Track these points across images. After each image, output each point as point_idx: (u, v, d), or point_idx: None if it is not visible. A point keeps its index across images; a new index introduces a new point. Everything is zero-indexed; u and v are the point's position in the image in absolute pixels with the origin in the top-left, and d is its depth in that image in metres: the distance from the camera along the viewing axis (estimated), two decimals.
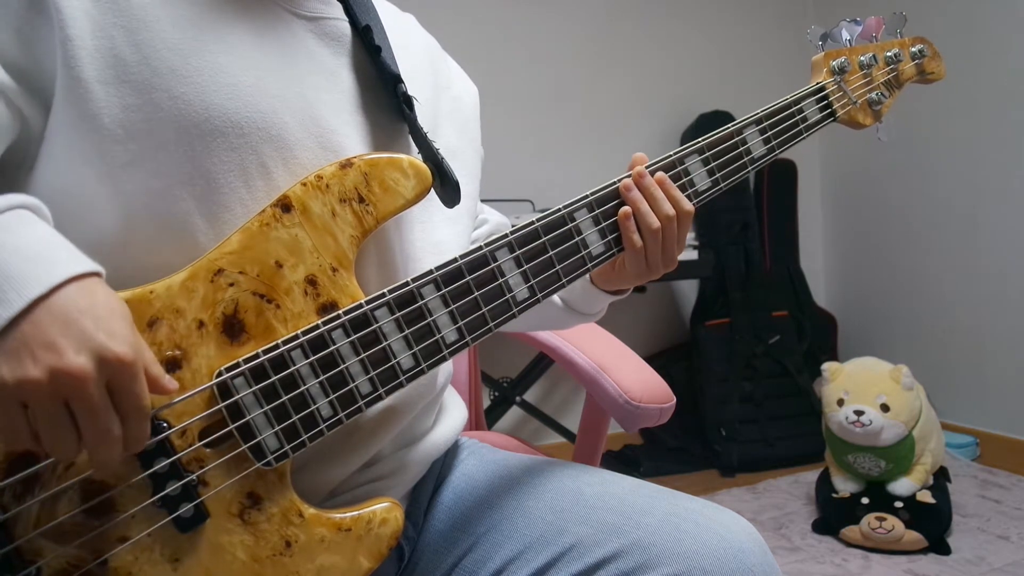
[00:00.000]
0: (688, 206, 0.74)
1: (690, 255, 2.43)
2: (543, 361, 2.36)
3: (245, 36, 0.64)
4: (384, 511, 0.63)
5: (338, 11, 0.71)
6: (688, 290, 2.88)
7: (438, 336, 0.64)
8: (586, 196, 0.72)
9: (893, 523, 1.84)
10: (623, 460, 2.56)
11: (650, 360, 1.36)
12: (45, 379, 0.47)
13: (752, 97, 0.82)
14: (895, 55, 0.89)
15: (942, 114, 2.59)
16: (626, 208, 0.72)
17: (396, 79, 0.69)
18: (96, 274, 0.53)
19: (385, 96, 0.71)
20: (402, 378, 0.63)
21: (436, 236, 0.74)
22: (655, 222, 0.72)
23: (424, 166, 0.65)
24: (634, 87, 2.77)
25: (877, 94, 0.87)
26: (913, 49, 0.90)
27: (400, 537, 0.64)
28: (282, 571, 0.59)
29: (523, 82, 2.57)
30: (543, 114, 2.61)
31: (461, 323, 0.65)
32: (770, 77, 2.96)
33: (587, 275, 0.80)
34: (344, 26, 0.70)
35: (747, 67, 2.94)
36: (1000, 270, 2.46)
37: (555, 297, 0.84)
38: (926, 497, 1.90)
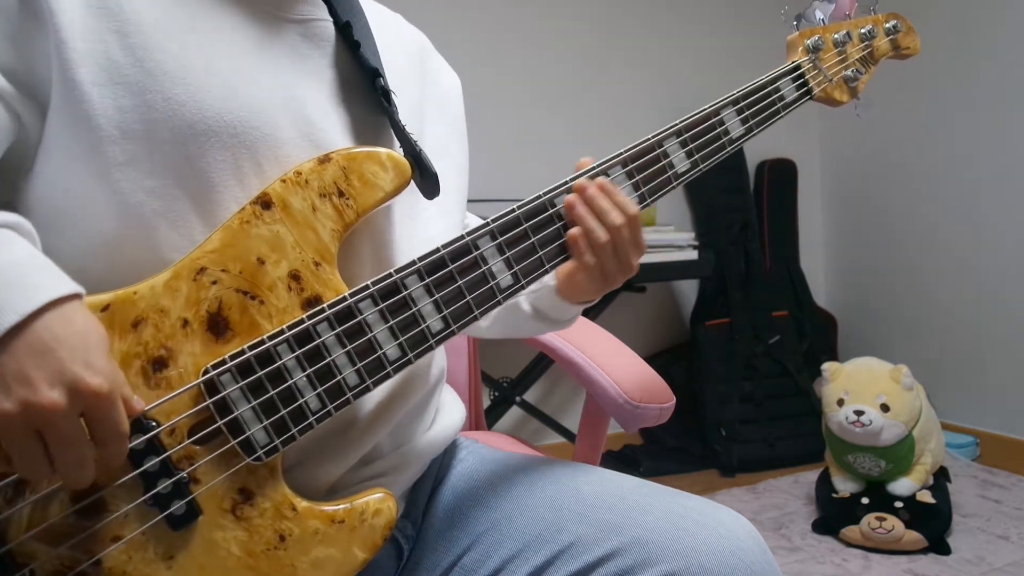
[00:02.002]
0: (633, 209, 0.72)
1: (690, 255, 2.43)
2: (543, 361, 2.36)
3: (236, 39, 0.65)
4: (377, 502, 0.63)
5: (324, 12, 0.72)
6: (688, 290, 2.88)
7: (423, 325, 0.64)
8: (566, 182, 0.72)
9: (893, 523, 1.84)
10: (623, 460, 2.55)
11: (650, 360, 1.36)
12: (16, 412, 0.48)
13: None
14: (869, 31, 0.89)
15: (942, 114, 2.59)
16: (573, 231, 0.70)
17: (375, 73, 0.70)
18: (76, 296, 0.53)
19: (367, 91, 0.72)
20: (389, 368, 0.63)
21: (430, 231, 0.75)
22: (602, 236, 0.70)
23: (403, 159, 0.65)
24: (636, 85, 2.76)
25: (852, 71, 0.87)
26: (887, 25, 0.90)
27: (394, 527, 0.63)
28: (277, 565, 0.59)
29: (523, 81, 2.57)
30: (543, 113, 2.61)
31: (446, 312, 0.65)
32: None
33: (554, 287, 0.77)
34: (330, 26, 0.72)
35: (750, 64, 2.93)
36: (1000, 270, 2.46)
37: (524, 303, 0.83)
38: (926, 497, 1.89)
